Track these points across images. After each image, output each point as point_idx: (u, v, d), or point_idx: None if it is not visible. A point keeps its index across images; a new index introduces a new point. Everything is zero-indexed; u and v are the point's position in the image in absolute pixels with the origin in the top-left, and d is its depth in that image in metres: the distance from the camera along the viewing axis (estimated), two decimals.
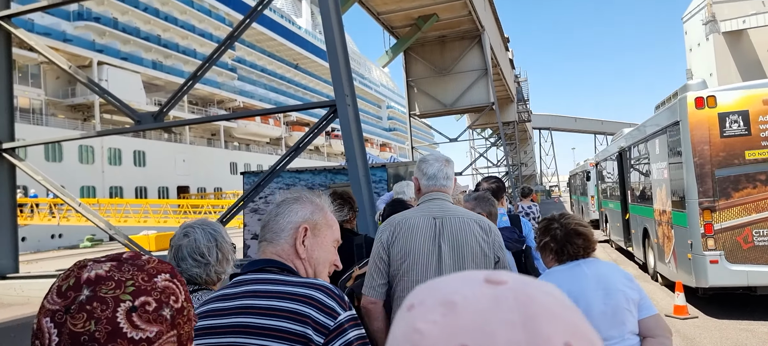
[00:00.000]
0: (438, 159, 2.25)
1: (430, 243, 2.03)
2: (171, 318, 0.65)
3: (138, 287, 0.64)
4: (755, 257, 6.31)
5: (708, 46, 45.23)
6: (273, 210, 1.35)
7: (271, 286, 1.22)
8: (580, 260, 2.15)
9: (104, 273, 0.64)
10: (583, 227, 2.20)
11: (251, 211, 10.20)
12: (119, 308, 0.62)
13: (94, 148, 32.96)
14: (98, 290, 0.62)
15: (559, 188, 76.71)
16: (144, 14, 38.96)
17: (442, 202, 2.14)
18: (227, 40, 8.77)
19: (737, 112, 6.45)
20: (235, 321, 1.18)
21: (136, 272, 0.66)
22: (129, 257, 0.69)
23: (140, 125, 8.79)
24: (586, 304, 1.99)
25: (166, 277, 0.68)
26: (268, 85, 53.77)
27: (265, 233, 1.34)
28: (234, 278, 1.30)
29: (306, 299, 1.17)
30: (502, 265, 2.09)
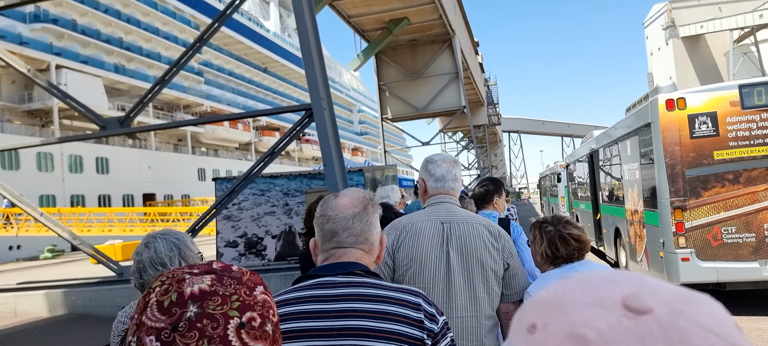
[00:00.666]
0: (446, 159, 2.16)
1: (438, 249, 1.95)
2: (272, 332, 0.64)
3: (243, 302, 0.63)
4: (724, 254, 6.50)
5: (668, 50, 46.94)
6: (345, 217, 1.32)
7: (374, 290, 1.24)
8: (574, 263, 2.13)
9: (207, 288, 0.62)
10: (576, 229, 2.18)
11: (224, 218, 9.95)
12: (229, 325, 0.60)
13: (54, 156, 31.70)
14: (206, 307, 0.60)
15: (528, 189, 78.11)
16: (105, 16, 37.77)
17: (450, 205, 2.06)
18: (196, 43, 8.55)
19: (706, 113, 6.64)
20: (345, 324, 1.18)
21: (238, 286, 0.64)
22: (224, 268, 0.67)
23: (106, 131, 8.47)
24: None
25: (262, 289, 0.67)
26: (236, 89, 52.92)
27: (335, 239, 1.31)
28: (314, 278, 1.27)
29: (415, 306, 1.22)
30: (511, 272, 2.01)
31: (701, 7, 45.27)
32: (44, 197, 30.67)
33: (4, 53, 8.34)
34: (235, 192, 7.99)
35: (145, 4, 41.55)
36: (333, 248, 1.32)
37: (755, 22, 37.89)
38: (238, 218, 9.99)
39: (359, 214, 1.33)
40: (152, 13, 42.34)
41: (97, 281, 9.86)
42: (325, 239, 1.33)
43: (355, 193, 1.39)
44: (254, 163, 8.13)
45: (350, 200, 1.35)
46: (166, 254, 1.73)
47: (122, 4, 39.90)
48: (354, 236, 1.32)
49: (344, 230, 1.31)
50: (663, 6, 47.53)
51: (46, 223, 9.24)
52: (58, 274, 15.26)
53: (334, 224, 1.32)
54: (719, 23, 40.94)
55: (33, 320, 9.06)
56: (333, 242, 1.32)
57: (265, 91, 58.22)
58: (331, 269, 1.28)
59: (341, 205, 1.34)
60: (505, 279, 1.99)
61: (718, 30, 41.33)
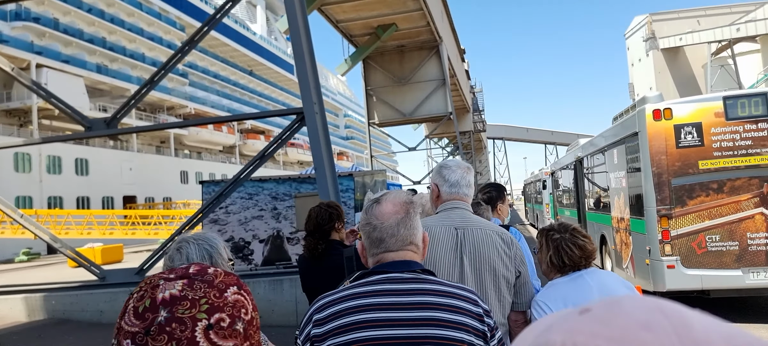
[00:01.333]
0: (460, 166, 2.17)
1: (452, 254, 1.95)
2: (244, 330, 0.67)
3: (211, 304, 0.65)
4: (708, 262, 6.63)
5: (648, 61, 47.87)
6: (390, 225, 1.38)
7: (440, 286, 1.34)
8: (582, 271, 2.13)
9: (178, 293, 0.65)
10: (583, 238, 2.17)
11: (211, 221, 9.82)
12: (197, 327, 0.63)
13: (32, 156, 31.02)
14: (175, 311, 0.64)
15: (512, 196, 78.72)
16: (88, 15, 37.18)
17: (464, 211, 2.07)
18: (186, 45, 8.47)
19: (691, 123, 6.79)
20: (421, 315, 1.27)
21: (208, 289, 0.67)
22: (197, 272, 0.70)
23: (92, 132, 8.33)
24: None
25: (234, 290, 0.69)
26: (222, 91, 52.46)
27: (383, 246, 1.39)
28: (378, 274, 1.35)
29: (474, 302, 1.34)
30: (523, 280, 2.02)
31: (680, 20, 46.33)
32: (21, 198, 29.97)
33: None
34: (223, 195, 7.91)
35: (130, 5, 41.01)
36: (382, 252, 1.40)
37: (732, 35, 38.91)
38: (225, 221, 9.88)
39: (403, 220, 1.40)
40: (137, 13, 41.81)
41: (79, 285, 9.65)
42: (372, 245, 1.41)
43: (397, 198, 1.44)
44: (244, 167, 8.06)
45: (393, 206, 1.41)
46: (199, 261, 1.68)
47: (106, 3, 39.33)
48: (401, 242, 1.39)
49: (391, 237, 1.39)
50: (643, 18, 48.51)
51: (26, 225, 9.03)
52: (35, 277, 14.90)
53: (381, 232, 1.39)
54: (698, 36, 41.91)
55: (11, 324, 8.82)
56: (381, 247, 1.39)
57: (251, 94, 57.82)
58: (396, 267, 1.36)
59: (385, 212, 1.40)
60: (516, 287, 2.00)
61: (696, 42, 42.32)
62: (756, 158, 6.61)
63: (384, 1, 19.36)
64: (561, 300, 2.02)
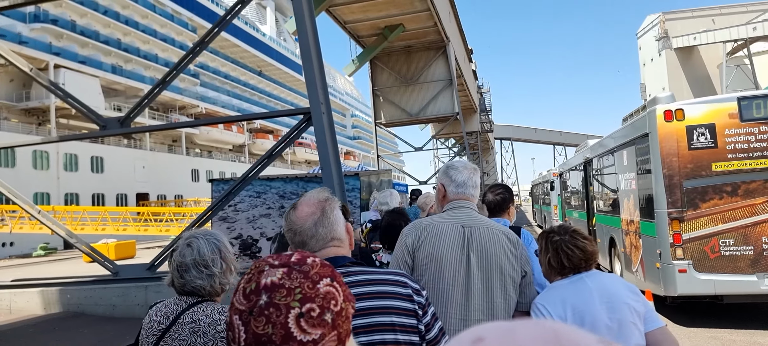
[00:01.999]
0: (467, 166, 2.18)
1: (459, 252, 1.96)
2: (332, 321, 0.73)
3: (305, 294, 0.73)
4: (721, 267, 6.54)
5: (661, 61, 47.25)
6: (306, 221, 1.42)
7: (366, 275, 1.39)
8: (582, 273, 2.10)
9: (277, 280, 0.73)
10: (584, 239, 2.14)
11: (220, 219, 9.89)
12: (290, 314, 0.71)
13: (50, 154, 31.51)
14: (274, 297, 0.72)
15: (519, 196, 78.28)
16: (104, 17, 37.70)
17: (470, 210, 2.08)
18: (197, 46, 8.54)
19: (704, 125, 6.70)
20: (364, 305, 1.32)
21: (303, 280, 0.74)
22: (297, 261, 0.77)
23: (106, 131, 8.44)
24: (592, 319, 1.94)
25: (327, 282, 0.76)
26: (232, 91, 52.87)
27: (313, 243, 1.42)
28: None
29: (402, 283, 1.40)
30: (528, 280, 2.03)
31: (694, 19, 45.67)
32: (39, 194, 30.47)
33: (7, 52, 8.29)
34: (232, 193, 7.97)
35: (144, 7, 41.50)
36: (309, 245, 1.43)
37: (748, 34, 38.24)
38: (234, 219, 9.94)
39: (320, 219, 1.42)
40: (151, 15, 42.29)
41: (93, 279, 9.79)
42: (297, 249, 1.43)
43: (311, 198, 1.47)
44: (252, 166, 8.11)
45: (308, 207, 1.44)
46: (210, 256, 1.73)
47: (121, 5, 39.82)
48: (322, 240, 1.42)
49: (311, 238, 1.41)
50: (656, 17, 47.91)
51: (44, 221, 9.18)
52: (51, 271, 15.13)
53: (301, 236, 1.42)
54: (712, 35, 41.25)
55: (28, 317, 8.98)
56: (306, 249, 1.42)
57: (260, 94, 58.19)
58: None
59: (301, 216, 1.43)
60: (520, 287, 2.02)
61: (711, 42, 41.66)
62: None
63: (391, 2, 19.38)
64: (560, 303, 2.00)
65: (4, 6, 8.15)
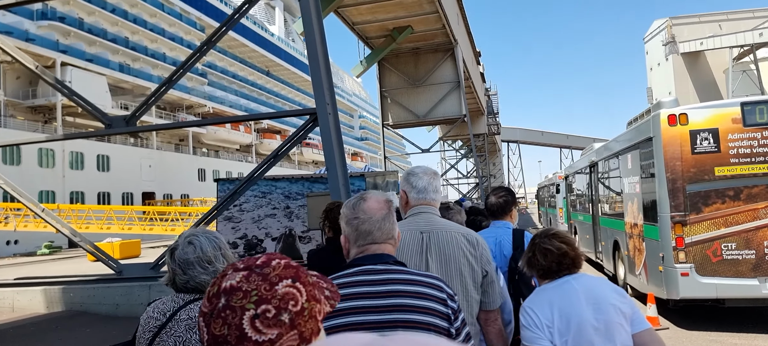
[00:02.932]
0: (426, 172, 2.22)
1: (418, 258, 2.00)
2: (290, 321, 0.76)
3: (260, 296, 0.75)
4: (724, 270, 6.53)
5: (667, 66, 47.08)
6: (378, 219, 1.56)
7: (408, 275, 1.51)
8: (568, 276, 2.12)
9: (235, 284, 0.77)
10: (560, 241, 2.17)
11: (225, 219, 9.96)
12: (245, 316, 0.74)
13: (55, 152, 31.73)
14: (230, 300, 0.75)
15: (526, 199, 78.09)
16: (111, 16, 37.94)
17: (430, 215, 2.11)
18: (204, 45, 8.61)
19: (708, 129, 6.70)
20: (393, 302, 1.44)
21: (261, 282, 0.77)
22: (260, 264, 0.81)
23: (111, 129, 8.52)
24: (579, 319, 1.97)
25: (287, 283, 0.79)
26: (239, 91, 53.05)
27: (370, 237, 1.56)
28: (356, 267, 1.53)
29: (439, 287, 1.50)
30: (489, 279, 2.05)
31: (701, 24, 45.48)
32: (44, 192, 30.67)
33: (13, 49, 8.39)
34: (237, 193, 8.02)
35: (152, 5, 41.75)
36: (368, 244, 1.56)
37: (755, 40, 38.06)
38: (239, 219, 10.01)
39: (387, 215, 1.59)
40: (159, 14, 42.53)
41: (96, 278, 9.86)
42: (360, 236, 1.57)
43: (380, 196, 1.63)
44: (257, 166, 8.16)
45: (377, 203, 1.60)
46: (212, 253, 1.76)
47: (129, 4, 40.08)
48: (385, 234, 1.57)
49: (378, 229, 1.56)
50: (663, 22, 47.74)
51: (48, 219, 9.26)
52: (55, 270, 15.25)
53: (369, 225, 1.56)
54: (719, 40, 41.08)
55: (30, 316, 9.04)
56: (368, 239, 1.56)
57: (268, 94, 58.36)
58: (371, 260, 1.53)
59: (372, 208, 1.58)
60: (482, 286, 2.03)
61: (717, 47, 41.47)
62: None
63: (400, 4, 19.43)
64: (547, 305, 2.03)
65: (8, 3, 8.25)
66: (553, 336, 1.99)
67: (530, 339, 2.00)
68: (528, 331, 2.03)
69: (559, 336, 1.98)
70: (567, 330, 1.97)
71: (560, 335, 1.98)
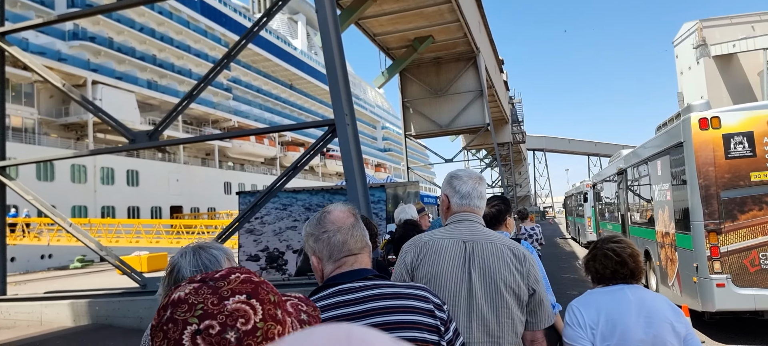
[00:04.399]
0: (471, 176, 2.07)
1: (460, 269, 1.84)
2: (237, 340, 0.68)
3: (206, 310, 0.69)
4: (762, 281, 6.19)
5: (699, 69, 45.81)
6: (348, 227, 1.44)
7: (389, 289, 1.39)
8: (624, 285, 2.09)
9: (183, 295, 0.71)
10: (631, 253, 2.13)
11: (247, 231, 9.99)
12: (186, 331, 0.68)
13: (87, 168, 32.64)
14: (175, 312, 0.70)
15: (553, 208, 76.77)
16: (140, 34, 39.03)
17: (474, 224, 1.96)
18: (224, 59, 8.70)
19: (742, 133, 6.39)
20: (374, 321, 1.31)
21: (210, 295, 0.70)
22: (217, 276, 0.74)
23: (135, 144, 8.65)
24: (624, 328, 1.94)
25: (240, 299, 0.71)
26: (263, 105, 53.79)
27: (346, 248, 1.44)
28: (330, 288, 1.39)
29: (424, 298, 1.39)
30: (537, 299, 1.87)
31: (733, 26, 44.18)
32: (77, 207, 31.53)
33: (40, 68, 8.62)
34: (257, 206, 8.02)
35: (178, 23, 42.81)
36: (344, 256, 1.43)
37: None
38: (261, 231, 10.02)
39: (355, 223, 1.48)
40: (185, 31, 43.57)
41: (121, 292, 9.99)
42: (334, 250, 1.44)
43: (343, 206, 1.51)
44: (277, 178, 8.16)
45: (343, 213, 1.48)
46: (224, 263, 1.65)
47: (156, 22, 41.18)
48: (360, 242, 1.46)
49: (352, 238, 1.44)
50: (693, 25, 46.56)
51: (75, 233, 9.44)
52: (85, 284, 15.57)
53: (342, 235, 1.44)
54: (752, 42, 39.85)
55: (57, 329, 9.20)
56: (344, 249, 1.43)
57: (291, 107, 59.02)
58: (347, 278, 1.40)
59: (340, 217, 1.46)
60: (530, 306, 1.87)
61: (750, 49, 40.23)
62: None
63: (421, 14, 19.38)
64: (594, 308, 2.00)
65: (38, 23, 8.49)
66: (594, 338, 1.96)
67: (571, 338, 1.98)
68: (570, 329, 2.00)
69: (601, 340, 1.95)
70: (611, 335, 1.94)
71: (603, 338, 1.95)
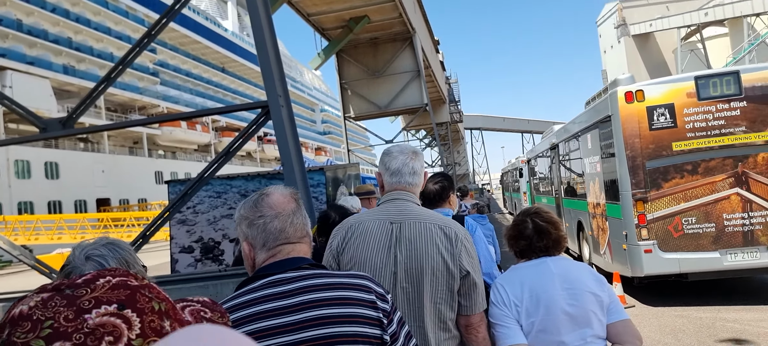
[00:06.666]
0: (403, 151, 1.91)
1: (385, 252, 1.70)
2: None
3: (56, 329, 0.54)
4: (685, 245, 6.56)
5: (620, 48, 48.43)
6: (288, 213, 1.30)
7: (326, 279, 1.25)
8: (546, 257, 2.04)
9: (27, 310, 0.57)
10: (551, 222, 2.09)
11: (178, 222, 9.44)
12: None
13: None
14: (13, 333, 0.55)
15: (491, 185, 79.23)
16: (52, 15, 36.02)
17: (404, 202, 1.81)
18: (143, 38, 8.05)
19: (664, 105, 6.69)
20: (307, 315, 1.18)
21: (63, 309, 0.55)
22: (78, 282, 0.58)
23: (46, 133, 7.87)
24: (548, 300, 1.90)
25: (107, 310, 0.56)
26: (194, 89, 51.50)
27: (283, 236, 1.29)
28: (260, 279, 1.25)
29: (366, 288, 1.25)
30: (471, 281, 1.72)
31: (650, 6, 46.89)
32: None
33: None
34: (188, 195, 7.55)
35: (96, 3, 39.89)
36: (281, 244, 1.29)
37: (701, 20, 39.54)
38: (194, 221, 9.51)
39: (297, 209, 1.33)
40: (103, 12, 40.67)
41: None
42: (269, 237, 1.29)
43: (283, 190, 1.35)
44: (208, 164, 7.72)
45: (284, 196, 1.33)
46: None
47: (71, 3, 38.14)
48: (299, 231, 1.32)
49: (291, 225, 1.30)
50: (614, 5, 48.99)
51: None
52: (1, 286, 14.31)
53: (280, 222, 1.29)
54: (667, 22, 42.51)
55: None
56: (281, 238, 1.29)
57: (224, 92, 56.91)
58: (279, 267, 1.26)
59: (279, 202, 1.31)
60: (463, 289, 1.73)
61: (666, 28, 42.92)
62: (729, 138, 6.55)
63: None
64: (518, 283, 1.95)
65: None
66: (519, 315, 1.90)
67: (496, 316, 1.91)
68: (495, 308, 1.93)
69: (526, 316, 1.89)
70: (535, 311, 1.89)
71: (528, 315, 1.89)
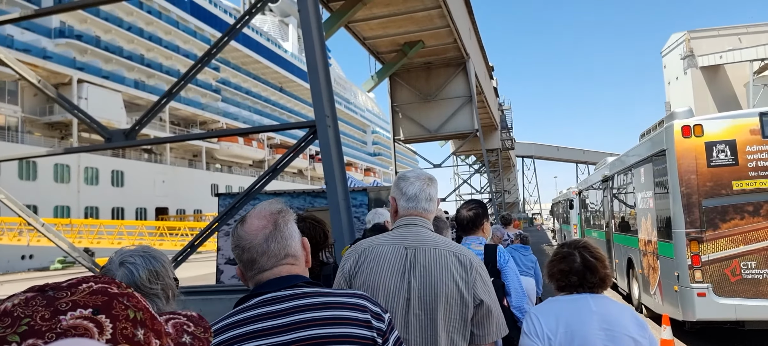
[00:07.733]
0: (419, 177, 1.91)
1: (399, 278, 1.67)
2: None
3: (31, 327, 0.57)
4: (743, 291, 6.14)
5: (686, 79, 46.32)
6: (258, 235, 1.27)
7: (320, 298, 1.23)
8: (588, 294, 1.95)
9: (10, 307, 0.60)
10: (598, 259, 2.00)
11: (225, 234, 9.78)
12: None
13: (70, 168, 32.14)
14: None
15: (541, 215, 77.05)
16: (127, 33, 38.64)
17: (419, 228, 1.79)
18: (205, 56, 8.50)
19: (724, 141, 6.35)
20: (298, 336, 1.17)
21: (41, 308, 0.59)
22: (62, 286, 0.63)
23: (111, 143, 8.42)
24: (583, 339, 1.82)
25: (82, 314, 0.59)
26: (253, 107, 53.51)
27: (264, 260, 1.27)
28: (255, 297, 1.24)
29: (361, 308, 1.23)
30: (485, 309, 1.69)
31: (720, 37, 44.74)
32: (59, 207, 31.02)
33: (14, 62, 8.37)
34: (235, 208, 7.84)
35: (167, 23, 42.47)
36: (257, 274, 1.27)
37: None
38: None
39: (272, 234, 1.27)
40: (173, 31, 43.23)
41: None
42: (247, 268, 1.29)
43: (262, 210, 1.31)
44: (256, 180, 7.99)
45: (258, 221, 1.29)
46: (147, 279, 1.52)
47: (145, 22, 40.80)
48: (274, 258, 1.27)
49: (262, 255, 1.26)
50: (681, 36, 47.09)
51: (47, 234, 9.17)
52: None
53: (251, 253, 1.26)
54: (739, 54, 40.38)
55: None
56: (255, 268, 1.27)
57: (281, 110, 58.78)
58: (274, 285, 1.24)
59: (253, 228, 1.28)
60: (476, 317, 1.70)
61: (737, 60, 40.76)
62: None
63: (411, 19, 19.29)
64: (553, 316, 1.88)
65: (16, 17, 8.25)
66: None
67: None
68: (526, 338, 1.88)
69: None
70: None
71: None
